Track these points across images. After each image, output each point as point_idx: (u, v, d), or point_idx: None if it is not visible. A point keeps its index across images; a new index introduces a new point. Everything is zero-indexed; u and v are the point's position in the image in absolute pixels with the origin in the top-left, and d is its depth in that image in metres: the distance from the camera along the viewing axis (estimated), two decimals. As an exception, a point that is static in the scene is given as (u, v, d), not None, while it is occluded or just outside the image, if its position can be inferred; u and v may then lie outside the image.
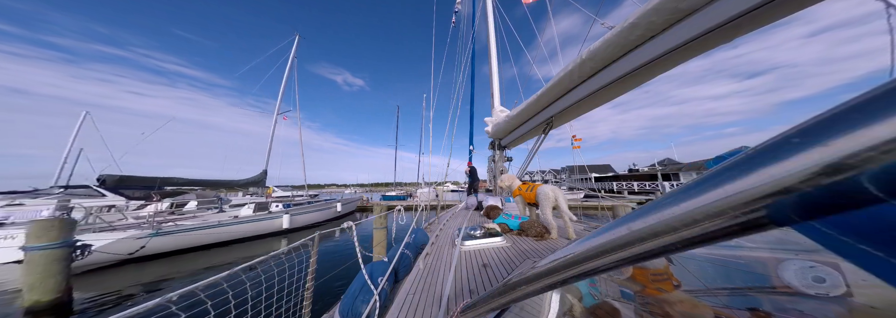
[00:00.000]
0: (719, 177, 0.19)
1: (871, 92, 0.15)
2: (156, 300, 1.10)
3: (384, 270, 2.15)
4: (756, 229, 0.18)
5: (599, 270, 0.30)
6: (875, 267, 0.16)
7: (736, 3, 1.43)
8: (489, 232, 3.08)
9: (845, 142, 0.14)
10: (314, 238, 2.14)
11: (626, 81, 2.31)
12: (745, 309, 0.55)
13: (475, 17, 9.17)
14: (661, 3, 1.64)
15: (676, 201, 0.22)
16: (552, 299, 0.87)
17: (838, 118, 0.15)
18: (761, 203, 0.17)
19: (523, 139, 5.63)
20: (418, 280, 1.95)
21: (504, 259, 2.35)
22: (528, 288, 0.40)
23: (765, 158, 0.17)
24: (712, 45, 1.75)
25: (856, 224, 0.15)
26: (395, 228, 4.46)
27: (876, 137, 0.13)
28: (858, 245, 0.16)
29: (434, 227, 4.75)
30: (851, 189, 0.14)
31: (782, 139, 0.17)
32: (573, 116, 3.51)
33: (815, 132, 0.16)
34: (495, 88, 7.22)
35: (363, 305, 1.78)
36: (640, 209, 0.25)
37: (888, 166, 0.13)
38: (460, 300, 1.41)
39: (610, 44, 2.05)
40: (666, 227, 0.22)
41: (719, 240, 0.20)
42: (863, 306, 0.44)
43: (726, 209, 0.18)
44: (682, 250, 0.23)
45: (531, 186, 3.48)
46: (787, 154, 0.16)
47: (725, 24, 1.53)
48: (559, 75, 2.71)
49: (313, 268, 2.10)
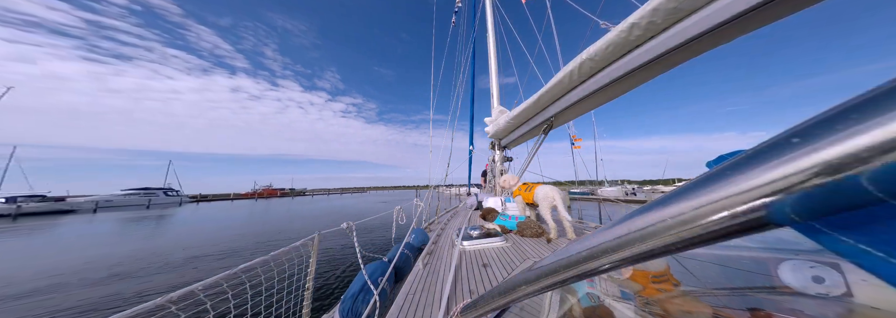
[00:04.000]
0: (719, 177, 0.19)
1: (871, 92, 0.15)
2: (156, 300, 1.10)
3: (384, 270, 2.15)
4: (756, 229, 0.18)
5: (599, 270, 0.30)
6: (875, 267, 0.16)
7: (736, 3, 1.43)
8: (489, 232, 3.08)
9: (845, 142, 0.14)
10: (314, 238, 2.14)
11: (627, 81, 2.31)
12: (745, 309, 0.55)
13: (475, 18, 9.18)
14: (661, 4, 1.64)
15: (676, 201, 0.22)
16: (552, 299, 0.87)
17: (838, 118, 0.15)
18: (761, 203, 0.17)
19: (523, 139, 5.63)
20: (418, 280, 1.95)
21: (504, 259, 2.35)
22: (528, 288, 0.40)
23: (765, 158, 0.17)
24: (712, 45, 1.75)
25: (856, 224, 0.15)
26: (395, 228, 4.46)
27: (876, 137, 0.13)
28: (858, 245, 0.16)
29: (434, 227, 4.75)
30: (851, 189, 0.14)
31: (782, 139, 0.17)
32: (573, 116, 3.51)
33: (814, 132, 0.16)
34: (495, 88, 7.23)
35: (363, 305, 1.78)
36: (639, 209, 0.25)
37: (888, 166, 0.13)
38: (460, 300, 1.41)
39: (610, 44, 2.05)
40: (666, 227, 0.22)
41: (719, 240, 0.20)
42: (863, 306, 0.44)
43: (726, 209, 0.18)
44: (682, 250, 0.23)
45: (530, 186, 3.50)
46: (787, 154, 0.16)
47: (725, 24, 1.53)
48: (559, 75, 2.71)
49: (313, 268, 2.10)
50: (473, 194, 8.08)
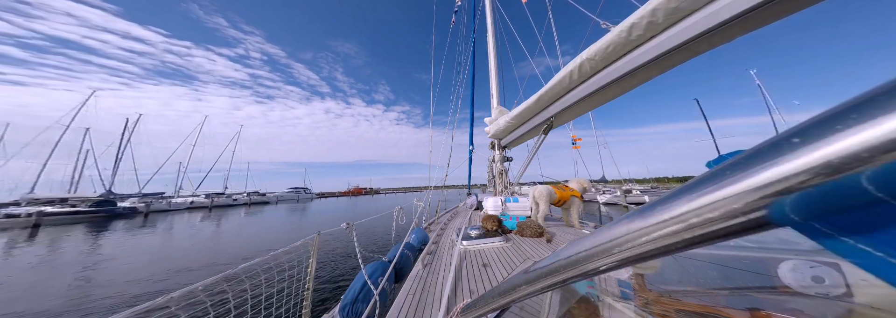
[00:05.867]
0: (719, 177, 0.19)
1: (871, 92, 0.15)
2: (156, 300, 1.10)
3: (384, 270, 2.15)
4: (756, 229, 0.18)
5: (599, 270, 0.30)
6: (875, 267, 0.15)
7: (736, 3, 1.43)
8: (489, 232, 3.08)
9: (845, 142, 0.14)
10: (314, 238, 2.13)
11: (627, 81, 2.31)
12: (745, 309, 0.55)
13: (475, 17, 9.18)
14: (661, 4, 1.64)
15: (676, 201, 0.22)
16: (552, 299, 0.87)
17: (838, 118, 0.15)
18: (761, 203, 0.17)
19: (523, 140, 5.62)
20: (418, 280, 1.95)
21: (504, 259, 2.35)
22: (529, 288, 0.40)
23: (765, 158, 0.17)
24: (712, 45, 1.75)
25: (856, 224, 0.15)
26: (395, 228, 4.45)
27: (876, 137, 0.13)
28: (858, 245, 0.16)
29: (434, 227, 4.75)
30: (851, 189, 0.14)
31: (782, 139, 0.17)
32: (573, 116, 3.51)
33: (814, 132, 0.15)
34: (494, 89, 7.22)
35: (363, 305, 1.78)
36: (639, 209, 0.25)
37: (888, 166, 0.13)
38: (460, 300, 1.41)
39: (610, 44, 2.05)
40: (666, 227, 0.22)
41: (719, 240, 0.20)
42: (863, 306, 0.44)
43: (726, 209, 0.18)
44: (682, 250, 0.23)
45: (563, 187, 3.90)
46: (787, 154, 0.16)
47: (725, 24, 1.53)
48: (559, 75, 2.71)
49: (313, 268, 2.10)
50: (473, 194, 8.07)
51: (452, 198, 14.63)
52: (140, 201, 29.58)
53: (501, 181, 6.13)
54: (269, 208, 33.51)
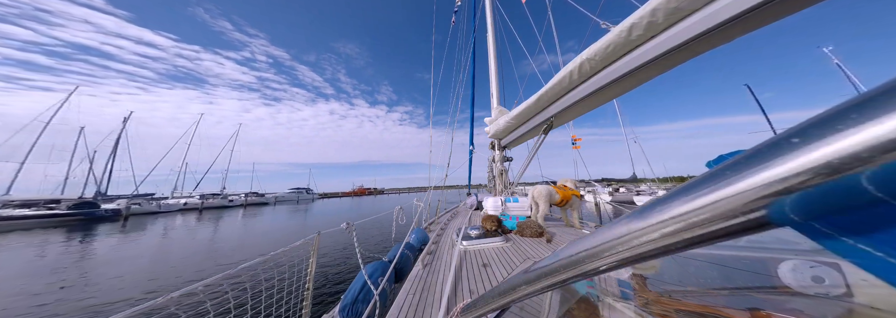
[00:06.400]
0: (719, 177, 0.19)
1: (871, 92, 0.14)
2: (156, 300, 1.10)
3: (384, 270, 2.15)
4: (756, 229, 0.18)
5: (599, 270, 0.30)
6: (875, 267, 0.15)
7: (736, 3, 1.43)
8: (489, 232, 3.08)
9: (845, 142, 0.14)
10: (314, 238, 2.13)
11: (626, 81, 2.31)
12: (745, 309, 0.55)
13: (475, 17, 9.18)
14: (661, 4, 1.64)
15: (676, 201, 0.22)
16: (552, 299, 0.87)
17: (838, 118, 0.15)
18: (761, 203, 0.17)
19: (523, 140, 5.62)
20: (418, 280, 1.95)
21: (504, 259, 2.35)
22: (529, 288, 0.40)
23: (764, 158, 0.17)
24: (712, 45, 1.75)
25: (856, 224, 0.15)
26: (395, 228, 4.45)
27: (876, 137, 0.13)
28: (858, 245, 0.16)
29: (434, 227, 4.75)
30: (851, 189, 0.14)
31: (782, 139, 0.17)
32: (573, 116, 3.51)
33: (814, 132, 0.15)
34: (494, 89, 7.22)
35: (363, 305, 1.78)
36: (639, 209, 0.25)
37: (888, 166, 0.13)
38: (460, 300, 1.41)
39: (610, 44, 2.05)
40: (666, 227, 0.22)
41: (719, 240, 0.20)
42: (863, 306, 0.44)
43: (726, 209, 0.18)
44: (682, 250, 0.23)
45: (563, 187, 3.94)
46: (787, 154, 0.16)
47: (725, 24, 1.53)
48: (559, 75, 2.71)
49: (313, 268, 2.10)
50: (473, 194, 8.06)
51: (453, 198, 14.67)
52: (129, 202, 26.74)
53: (501, 181, 6.13)
54: (267, 209, 31.18)
